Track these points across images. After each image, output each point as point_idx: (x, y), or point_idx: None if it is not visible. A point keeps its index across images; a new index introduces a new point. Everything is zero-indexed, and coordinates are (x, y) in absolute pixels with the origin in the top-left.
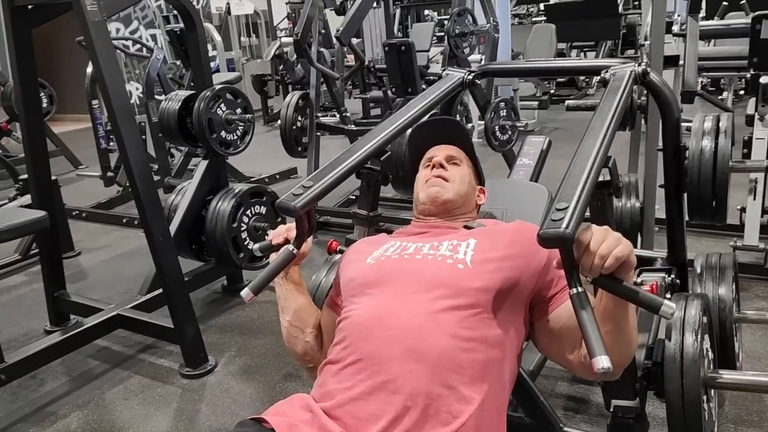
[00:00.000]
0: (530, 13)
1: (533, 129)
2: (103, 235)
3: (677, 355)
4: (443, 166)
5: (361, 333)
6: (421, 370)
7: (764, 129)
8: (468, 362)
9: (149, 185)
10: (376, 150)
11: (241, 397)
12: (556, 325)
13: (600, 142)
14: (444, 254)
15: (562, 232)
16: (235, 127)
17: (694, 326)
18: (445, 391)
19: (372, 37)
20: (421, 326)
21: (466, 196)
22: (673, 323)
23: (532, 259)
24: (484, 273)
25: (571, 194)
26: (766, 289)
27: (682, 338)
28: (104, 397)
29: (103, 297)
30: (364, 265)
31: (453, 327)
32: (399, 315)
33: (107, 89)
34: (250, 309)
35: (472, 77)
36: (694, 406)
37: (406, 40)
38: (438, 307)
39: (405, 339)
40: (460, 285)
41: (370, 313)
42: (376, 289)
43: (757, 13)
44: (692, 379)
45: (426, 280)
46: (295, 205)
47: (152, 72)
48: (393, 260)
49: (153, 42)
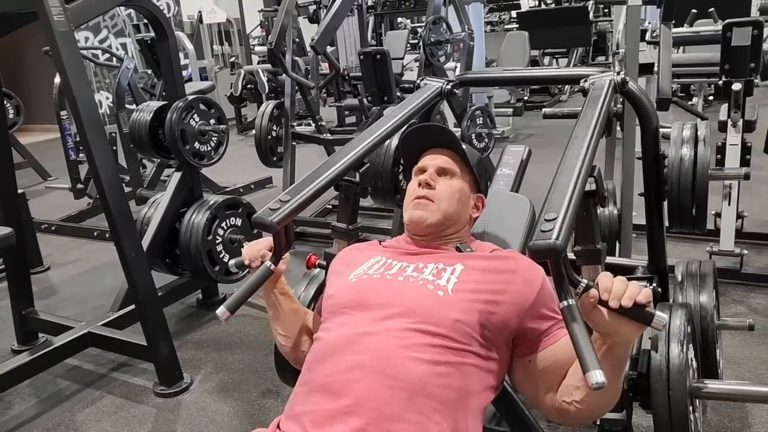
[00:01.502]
0: (503, 21)
1: (508, 136)
2: (74, 249)
3: (663, 367)
4: (430, 185)
5: (331, 356)
6: (388, 395)
7: (737, 135)
8: (439, 390)
9: (120, 198)
10: (354, 162)
11: (218, 415)
12: (537, 367)
13: (585, 151)
14: (426, 278)
15: (552, 244)
16: (209, 137)
17: (679, 336)
18: (413, 416)
19: (346, 46)
20: (393, 351)
21: (454, 215)
22: (658, 334)
23: (519, 296)
24: (464, 303)
25: (559, 204)
26: (743, 293)
27: (668, 349)
28: (75, 419)
29: (74, 314)
30: (346, 281)
31: (426, 354)
32: (372, 339)
33: (75, 100)
34: (226, 324)
35: (451, 87)
36: (681, 418)
37: (382, 49)
38: (413, 333)
39: (375, 363)
40: (438, 314)
41: (343, 335)
42: (353, 310)
43: (728, 21)
44: (679, 391)
45: (403, 305)
46: (272, 221)
47: (123, 81)
48: (374, 280)
49: (123, 51)
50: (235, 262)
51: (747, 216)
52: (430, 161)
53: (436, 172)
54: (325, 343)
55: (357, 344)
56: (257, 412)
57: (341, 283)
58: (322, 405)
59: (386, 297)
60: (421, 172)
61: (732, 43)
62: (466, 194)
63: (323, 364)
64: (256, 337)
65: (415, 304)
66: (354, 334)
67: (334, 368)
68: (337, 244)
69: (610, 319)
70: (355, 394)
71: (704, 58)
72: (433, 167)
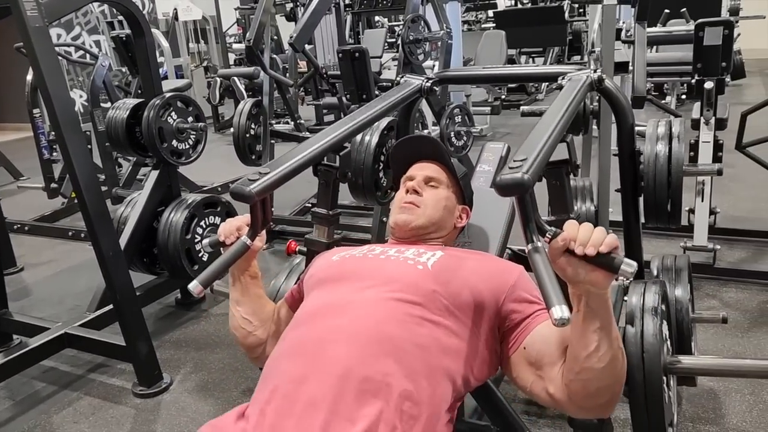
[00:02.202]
0: (479, 20)
1: (486, 134)
2: (48, 250)
3: (638, 340)
4: (417, 191)
5: (310, 321)
6: (359, 351)
7: (710, 132)
8: (413, 354)
9: (97, 197)
10: (335, 144)
11: (198, 415)
12: (533, 351)
13: (560, 116)
14: (407, 257)
15: (520, 178)
16: (187, 135)
17: (653, 311)
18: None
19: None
20: (373, 314)
21: (439, 221)
22: (633, 308)
23: (498, 279)
24: (443, 276)
25: (531, 149)
26: (716, 288)
27: (642, 324)
28: (52, 421)
29: (49, 315)
30: (329, 261)
31: (404, 317)
32: (351, 306)
33: (50, 98)
34: (206, 323)
35: (431, 84)
36: (656, 393)
37: (361, 47)
38: (391, 302)
39: (353, 324)
40: (417, 284)
41: (323, 303)
42: (334, 283)
43: (700, 20)
44: (654, 365)
45: (383, 276)
46: (250, 191)
47: (97, 79)
48: (356, 258)
49: (97, 48)
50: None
51: (719, 212)
52: (419, 170)
53: (423, 180)
54: (305, 313)
55: (335, 311)
56: None
57: (323, 263)
58: (293, 370)
59: (367, 271)
60: (409, 180)
61: (704, 43)
62: (452, 203)
63: (301, 331)
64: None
65: (395, 275)
66: (333, 303)
67: (311, 333)
68: (318, 230)
69: (578, 266)
70: (327, 355)
71: (677, 57)
72: (421, 176)
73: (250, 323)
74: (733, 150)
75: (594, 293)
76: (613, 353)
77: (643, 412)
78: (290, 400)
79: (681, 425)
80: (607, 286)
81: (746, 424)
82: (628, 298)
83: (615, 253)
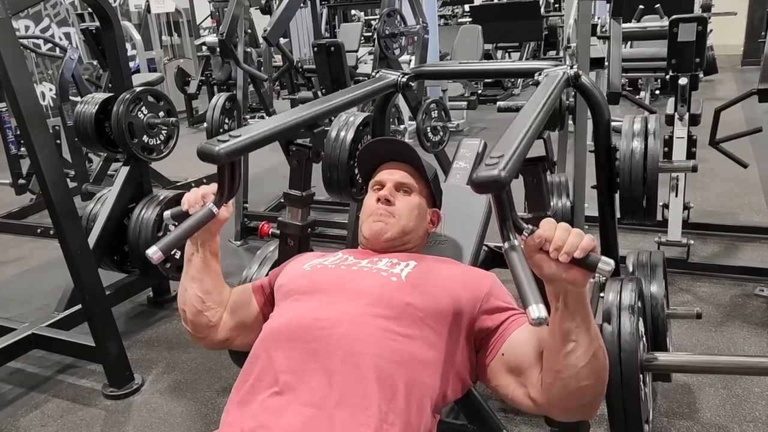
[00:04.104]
0: (455, 15)
1: (463, 129)
2: (15, 247)
3: (615, 338)
4: (389, 200)
5: (280, 339)
6: (337, 381)
7: (684, 128)
8: (389, 373)
9: (64, 194)
10: (308, 120)
11: (170, 416)
12: (512, 357)
13: (537, 113)
14: (380, 268)
15: (497, 175)
16: (158, 131)
17: (630, 309)
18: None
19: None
20: (347, 333)
21: (413, 231)
22: (610, 306)
23: (473, 288)
24: (417, 289)
25: (508, 145)
26: (690, 282)
27: (619, 321)
28: (18, 424)
29: (16, 314)
30: (300, 270)
31: (378, 332)
32: (323, 324)
33: (14, 92)
34: (178, 322)
35: (406, 79)
36: (633, 390)
37: (336, 41)
38: (365, 314)
39: (324, 348)
40: (390, 296)
41: (294, 318)
42: (305, 296)
43: (675, 17)
44: (631, 361)
45: (356, 289)
46: (219, 151)
47: (66, 73)
48: (329, 269)
49: (67, 41)
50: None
51: (693, 207)
52: (388, 176)
53: (394, 187)
54: (273, 329)
55: (307, 329)
56: (211, 412)
57: (294, 272)
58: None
59: (340, 283)
60: (378, 186)
61: (678, 39)
62: (424, 209)
63: (269, 349)
64: None
65: (367, 288)
66: (305, 319)
67: (285, 355)
68: (291, 212)
69: (555, 264)
70: (304, 381)
71: (651, 53)
72: (392, 182)
73: (203, 302)
74: (707, 145)
75: (571, 291)
76: (593, 351)
77: (620, 409)
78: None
79: (656, 420)
80: (584, 284)
81: (720, 418)
82: (605, 296)
83: (592, 253)
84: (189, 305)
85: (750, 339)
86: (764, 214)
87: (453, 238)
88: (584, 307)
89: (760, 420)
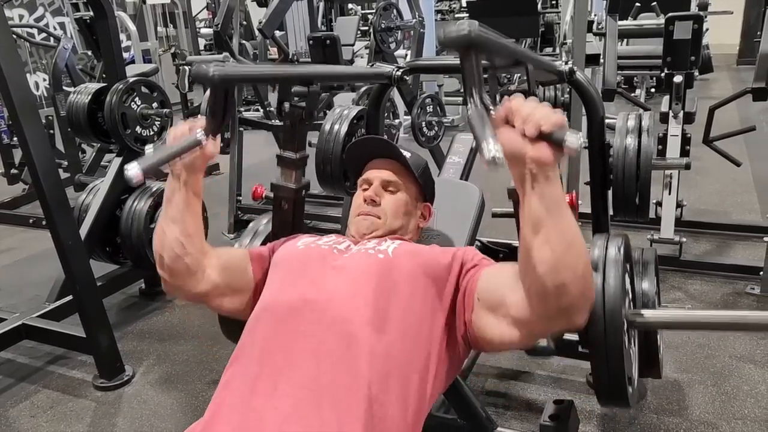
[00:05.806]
0: (453, 10)
1: (458, 125)
2: (7, 237)
3: (599, 293)
4: (375, 200)
5: (269, 320)
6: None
7: (678, 126)
8: (378, 352)
9: (55, 184)
10: (303, 75)
11: (161, 408)
12: (487, 294)
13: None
14: (368, 248)
15: (467, 31)
16: (152, 122)
17: (616, 264)
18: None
19: (295, 30)
20: (336, 314)
21: (400, 228)
22: (596, 259)
23: (454, 261)
24: (402, 258)
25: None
26: (682, 280)
27: (604, 276)
28: (8, 415)
29: (7, 305)
30: (294, 248)
31: (367, 313)
32: (315, 304)
33: (6, 82)
34: (170, 314)
35: (401, 73)
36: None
37: (332, 34)
38: (355, 293)
39: (315, 327)
40: (379, 273)
41: (284, 298)
42: (296, 276)
43: (670, 14)
44: (616, 317)
45: (346, 269)
46: (213, 75)
47: (60, 62)
48: (321, 249)
49: (61, 30)
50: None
51: (686, 205)
52: (376, 174)
53: (380, 185)
54: (266, 309)
55: (297, 310)
56: (202, 404)
57: (288, 250)
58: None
59: (329, 264)
60: (366, 184)
61: (674, 37)
62: (412, 206)
63: (262, 330)
64: (201, 327)
65: (356, 267)
66: (295, 301)
67: (274, 336)
68: (284, 174)
69: (521, 139)
70: (294, 362)
71: (646, 50)
72: (378, 180)
73: (183, 247)
74: (701, 144)
75: (539, 173)
76: (569, 240)
77: (604, 363)
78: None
79: (645, 417)
80: (552, 162)
81: (709, 415)
82: (590, 250)
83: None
84: (168, 249)
85: (741, 337)
86: (756, 212)
87: (445, 233)
88: (554, 190)
89: (749, 417)
